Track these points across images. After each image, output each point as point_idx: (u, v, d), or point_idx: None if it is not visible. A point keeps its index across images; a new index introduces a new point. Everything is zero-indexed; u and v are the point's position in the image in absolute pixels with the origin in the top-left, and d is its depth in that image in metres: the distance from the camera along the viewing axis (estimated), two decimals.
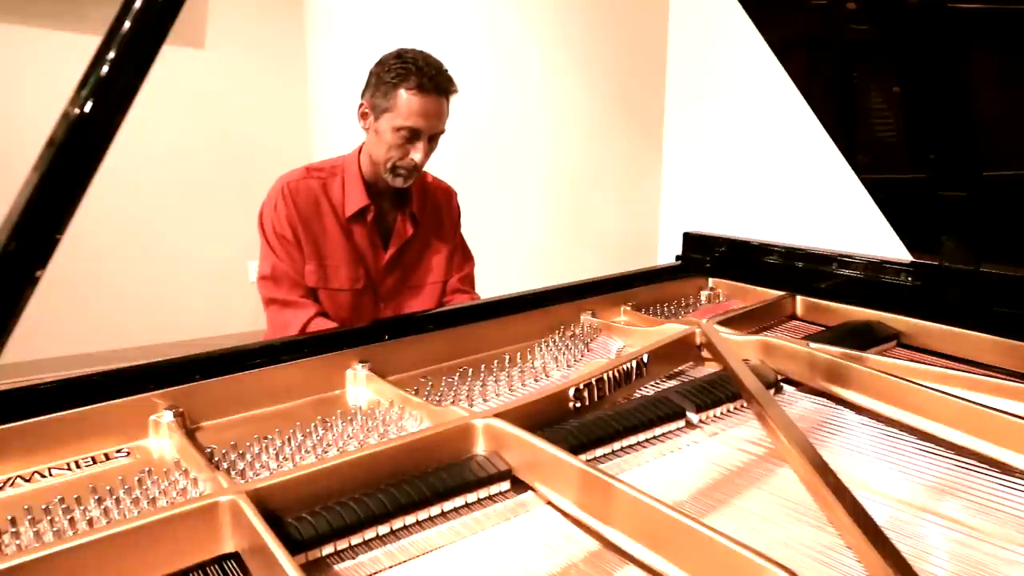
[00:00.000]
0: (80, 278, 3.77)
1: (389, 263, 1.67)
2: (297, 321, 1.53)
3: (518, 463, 0.89)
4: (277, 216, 1.58)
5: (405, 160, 1.53)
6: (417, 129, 1.50)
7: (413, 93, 1.47)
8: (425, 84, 1.47)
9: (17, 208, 0.47)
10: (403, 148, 1.52)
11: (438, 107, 1.51)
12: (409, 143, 1.51)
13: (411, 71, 1.47)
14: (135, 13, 0.50)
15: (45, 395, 0.94)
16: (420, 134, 1.51)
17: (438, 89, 1.50)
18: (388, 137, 1.51)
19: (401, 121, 1.49)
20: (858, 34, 1.30)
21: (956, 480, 0.89)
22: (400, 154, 1.52)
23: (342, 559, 0.75)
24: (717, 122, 3.85)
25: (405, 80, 1.47)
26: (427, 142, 1.52)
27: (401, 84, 1.48)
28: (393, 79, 1.48)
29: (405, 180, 1.57)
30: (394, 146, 1.51)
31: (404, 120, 1.49)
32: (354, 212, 1.61)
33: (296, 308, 1.56)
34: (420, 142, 1.52)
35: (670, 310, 1.60)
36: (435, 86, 1.49)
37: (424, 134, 1.51)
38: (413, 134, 1.51)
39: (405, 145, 1.51)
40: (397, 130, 1.50)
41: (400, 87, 1.48)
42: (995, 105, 1.26)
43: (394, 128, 1.50)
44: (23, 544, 0.74)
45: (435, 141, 1.56)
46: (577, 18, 3.70)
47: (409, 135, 1.50)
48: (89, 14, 3.47)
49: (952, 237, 1.43)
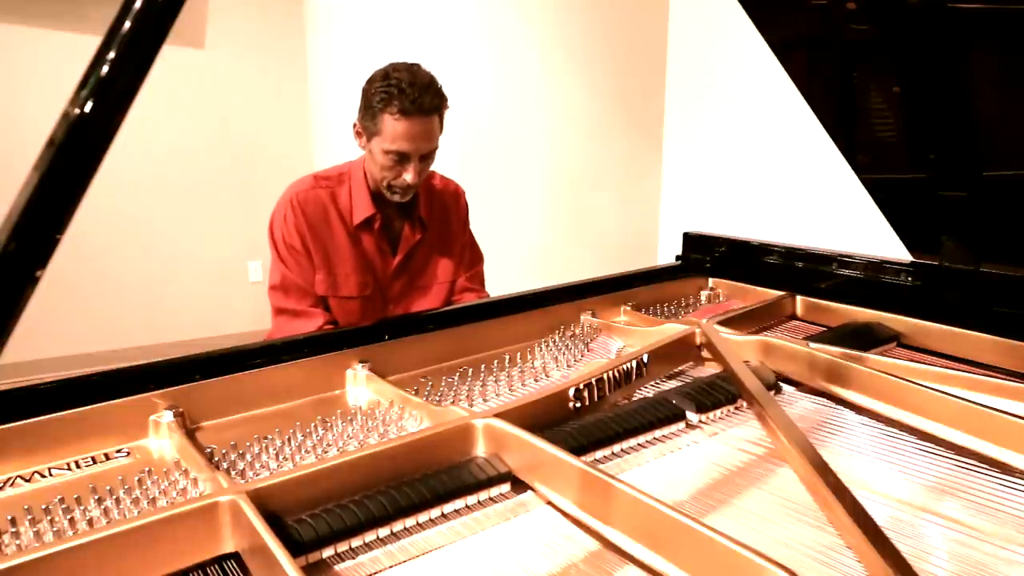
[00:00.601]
0: (80, 278, 3.77)
1: (397, 269, 1.68)
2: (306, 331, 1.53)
3: (518, 463, 0.89)
4: (287, 226, 1.58)
5: (398, 180, 1.53)
6: (405, 152, 1.49)
7: (397, 118, 1.45)
8: (408, 108, 1.45)
9: (17, 208, 0.47)
10: (395, 169, 1.52)
11: (424, 128, 1.49)
12: (400, 165, 1.51)
13: (394, 95, 1.45)
14: (135, 13, 0.50)
15: (45, 395, 0.94)
16: (408, 157, 1.50)
17: (421, 110, 1.46)
18: (380, 159, 1.51)
19: (388, 145, 1.48)
20: (858, 34, 1.30)
21: (956, 480, 0.89)
22: (393, 175, 1.53)
23: (342, 559, 0.75)
24: (717, 122, 3.85)
25: (388, 104, 1.45)
26: (418, 161, 1.52)
27: (385, 109, 1.46)
28: (378, 103, 1.47)
29: (402, 197, 1.57)
30: (386, 167, 1.52)
31: (391, 144, 1.48)
32: (361, 220, 1.61)
33: (305, 318, 1.58)
34: (411, 163, 1.51)
35: (670, 310, 1.60)
36: (418, 108, 1.46)
37: (412, 156, 1.50)
38: (402, 157, 1.50)
39: (396, 167, 1.51)
40: (386, 153, 1.49)
41: (385, 112, 1.46)
42: (995, 105, 1.26)
43: (383, 151, 1.49)
44: (23, 544, 0.74)
45: (429, 158, 1.56)
46: (577, 18, 3.70)
47: (398, 158, 1.50)
48: (89, 14, 3.47)
49: (952, 237, 1.43)
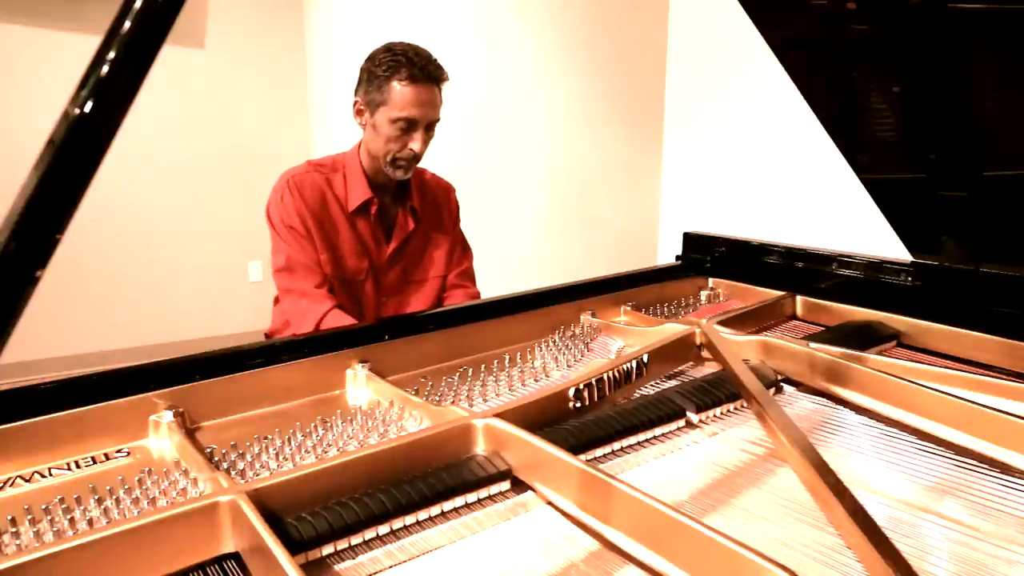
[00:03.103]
0: (80, 278, 3.77)
1: (392, 256, 1.69)
2: (313, 313, 1.54)
3: (518, 463, 0.89)
4: (285, 208, 1.59)
5: (404, 151, 1.56)
6: (413, 119, 1.52)
7: (406, 84, 1.50)
8: (416, 74, 1.50)
9: (17, 208, 0.47)
10: (401, 140, 1.54)
11: (431, 95, 1.54)
12: (406, 134, 1.54)
13: (402, 63, 1.50)
14: (135, 13, 0.49)
15: (45, 395, 0.94)
16: (416, 124, 1.54)
17: (430, 78, 1.52)
18: (385, 130, 1.53)
19: (397, 112, 1.51)
20: (858, 34, 1.30)
21: (956, 480, 0.89)
22: (399, 146, 1.55)
23: (342, 559, 0.75)
24: (717, 122, 3.85)
25: (397, 72, 1.50)
26: (424, 131, 1.55)
27: (393, 76, 1.50)
28: (385, 72, 1.50)
29: (406, 171, 1.59)
30: (392, 138, 1.54)
31: (400, 111, 1.51)
32: (358, 205, 1.62)
33: (313, 299, 1.57)
34: (417, 132, 1.54)
35: (670, 310, 1.60)
36: (427, 75, 1.51)
37: (420, 123, 1.54)
38: (410, 124, 1.53)
39: (403, 136, 1.54)
40: (394, 122, 1.52)
41: (392, 79, 1.50)
42: (995, 105, 1.26)
43: (390, 120, 1.52)
44: (23, 544, 0.74)
45: (431, 130, 1.59)
46: (577, 18, 3.70)
47: (406, 126, 1.53)
48: (89, 14, 3.48)
49: (952, 237, 1.43)
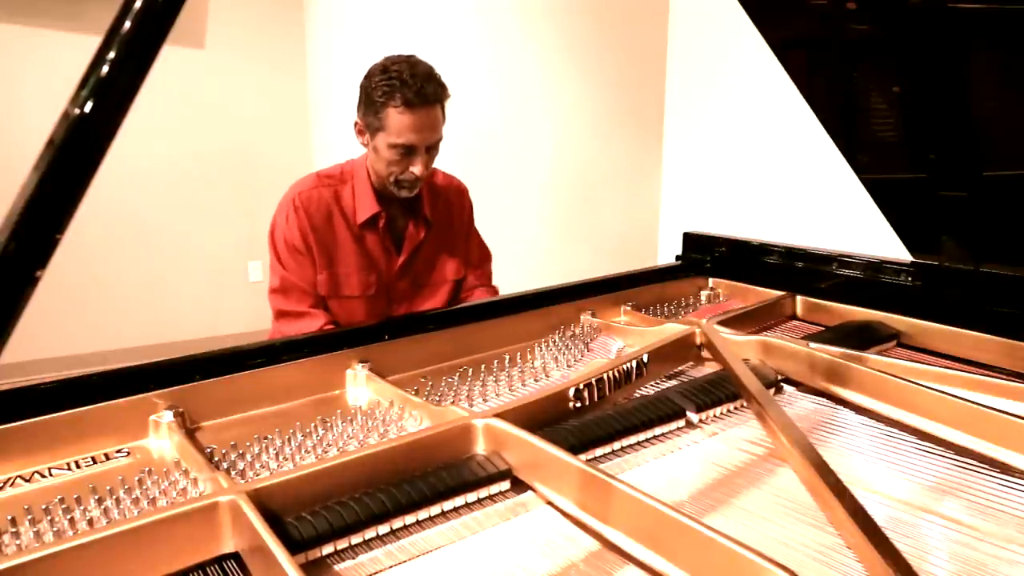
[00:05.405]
0: (80, 278, 3.77)
1: (402, 268, 1.67)
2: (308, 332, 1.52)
3: (518, 463, 0.89)
4: (288, 227, 1.57)
5: (406, 174, 1.52)
6: (412, 145, 1.48)
7: (401, 111, 1.45)
8: (412, 99, 1.44)
9: (17, 208, 0.47)
10: (402, 163, 1.51)
11: (429, 119, 1.48)
12: (407, 158, 1.50)
13: (396, 87, 1.44)
14: (135, 13, 0.49)
15: (45, 395, 0.94)
16: (416, 149, 1.49)
17: (426, 101, 1.46)
18: (386, 154, 1.50)
19: (395, 139, 1.47)
20: (858, 34, 1.30)
21: (956, 480, 0.89)
22: (400, 169, 1.51)
23: (342, 559, 0.75)
24: (717, 122, 3.85)
25: (392, 97, 1.44)
26: (424, 153, 1.51)
27: (389, 103, 1.45)
28: (380, 97, 1.46)
29: (410, 191, 1.56)
30: (393, 162, 1.50)
31: (397, 138, 1.47)
32: (365, 219, 1.60)
33: (305, 319, 1.57)
34: (418, 156, 1.50)
35: (670, 310, 1.60)
36: (423, 98, 1.45)
37: (419, 148, 1.49)
38: (408, 150, 1.49)
39: (403, 160, 1.50)
40: (392, 147, 1.48)
41: (388, 106, 1.45)
42: (995, 105, 1.26)
43: (389, 146, 1.48)
44: (23, 544, 0.74)
45: (435, 149, 1.55)
46: (578, 19, 3.70)
47: (405, 151, 1.49)
48: (89, 14, 3.48)
49: (952, 237, 1.43)
